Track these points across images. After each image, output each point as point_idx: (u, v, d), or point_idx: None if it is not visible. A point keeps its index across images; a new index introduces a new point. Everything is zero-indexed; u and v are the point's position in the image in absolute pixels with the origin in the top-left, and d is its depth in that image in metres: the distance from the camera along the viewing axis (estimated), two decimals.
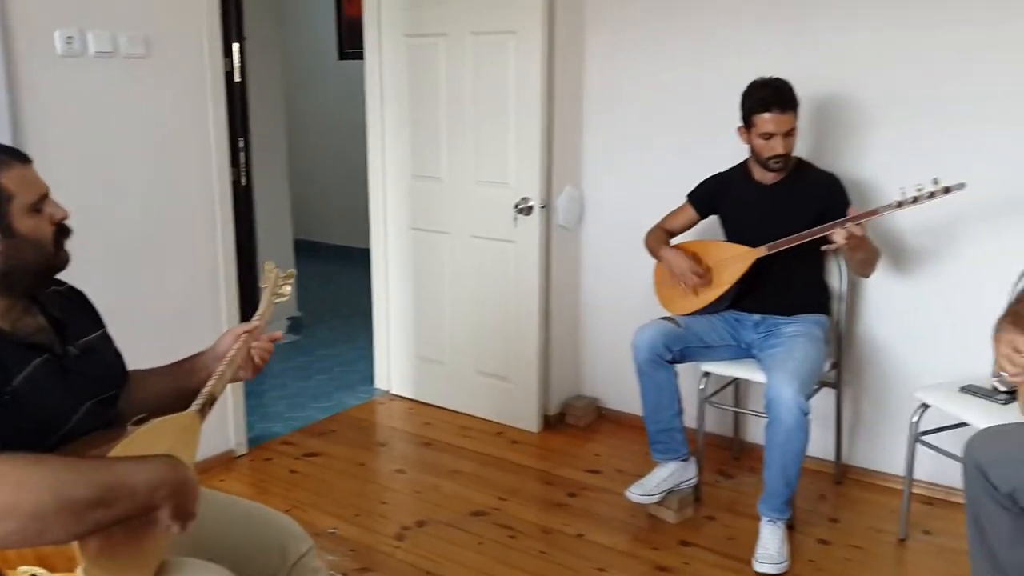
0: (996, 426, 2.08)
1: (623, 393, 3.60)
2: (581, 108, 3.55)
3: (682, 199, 3.06)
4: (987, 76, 2.71)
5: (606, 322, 3.67)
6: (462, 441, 3.53)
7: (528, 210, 3.40)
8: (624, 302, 3.56)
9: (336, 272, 6.36)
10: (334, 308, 5.46)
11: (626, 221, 3.47)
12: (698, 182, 3.03)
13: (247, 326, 1.76)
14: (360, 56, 3.86)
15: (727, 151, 2.98)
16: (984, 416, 2.36)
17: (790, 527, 2.72)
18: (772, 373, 2.60)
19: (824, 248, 2.66)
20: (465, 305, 3.70)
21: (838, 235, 2.52)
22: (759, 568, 2.57)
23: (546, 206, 3.44)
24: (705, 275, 2.89)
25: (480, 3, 3.38)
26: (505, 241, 3.50)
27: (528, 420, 3.60)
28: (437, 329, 3.82)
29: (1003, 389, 2.46)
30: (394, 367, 4.03)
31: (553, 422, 3.67)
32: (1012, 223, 2.72)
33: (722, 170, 2.99)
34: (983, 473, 2.01)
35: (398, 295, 3.94)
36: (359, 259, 4.93)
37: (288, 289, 1.96)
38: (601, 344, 3.70)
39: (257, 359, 1.75)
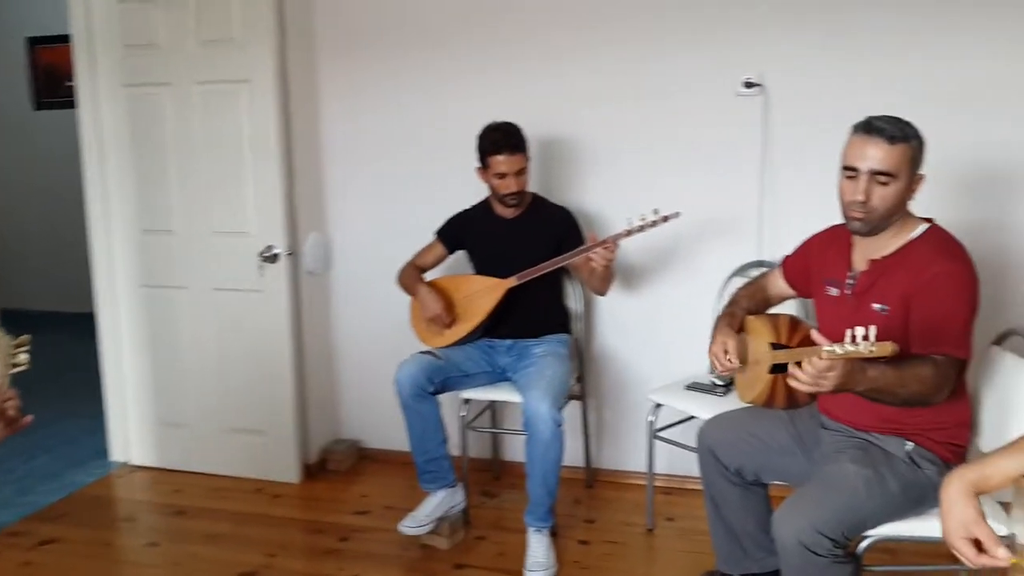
0: (722, 413, 2.42)
1: (384, 431, 3.66)
2: (320, 154, 3.59)
3: (430, 236, 3.20)
4: (688, 115, 3.13)
5: (362, 363, 3.70)
6: (219, 503, 3.37)
7: (273, 258, 3.36)
8: (379, 341, 3.62)
9: (46, 341, 5.73)
10: (50, 381, 4.93)
11: (375, 261, 3.56)
12: (445, 219, 3.19)
13: None
14: (62, 106, 3.60)
15: (467, 189, 3.18)
16: (708, 407, 2.71)
17: (553, 534, 2.91)
18: (528, 392, 2.79)
19: (593, 261, 2.81)
20: (210, 361, 3.55)
21: (602, 256, 2.75)
22: None
23: (292, 253, 3.42)
24: (451, 321, 3.05)
25: (204, 53, 3.31)
26: (251, 291, 3.42)
27: (288, 472, 3.52)
28: (180, 390, 3.62)
29: (720, 383, 2.85)
30: (133, 436, 3.75)
31: (314, 470, 3.61)
32: (717, 243, 3.14)
33: (467, 207, 3.18)
34: (714, 455, 2.32)
35: (132, 358, 3.69)
36: (72, 324, 4.52)
37: (24, 357, 1.80)
38: (359, 385, 3.73)
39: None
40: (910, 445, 2.02)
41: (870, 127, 1.99)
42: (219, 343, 3.52)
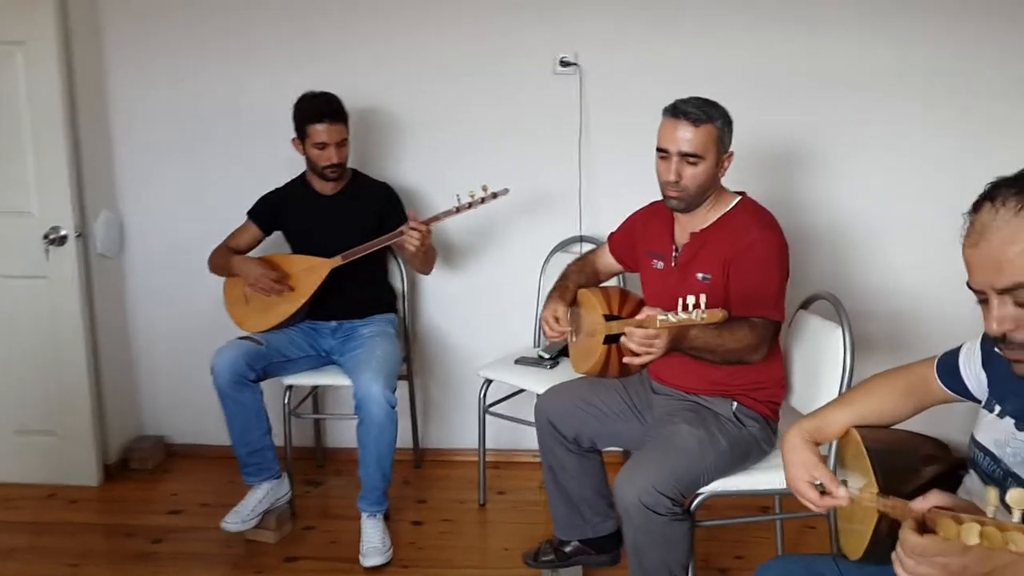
0: (557, 385, 2.47)
1: (191, 425, 3.45)
2: (109, 125, 3.27)
3: (233, 214, 3.02)
4: (506, 92, 3.13)
5: (166, 353, 3.44)
6: (9, 515, 3.02)
7: (61, 240, 3.03)
8: (182, 328, 3.39)
9: None
10: None
11: (176, 242, 3.32)
12: (255, 198, 3.01)
13: None
14: None
15: (275, 165, 3.05)
16: (539, 381, 2.76)
17: (386, 517, 2.86)
18: (358, 374, 2.71)
19: (406, 244, 2.77)
20: None
21: (412, 239, 2.72)
22: (368, 563, 2.66)
23: (81, 234, 3.10)
24: (283, 279, 2.88)
25: None
26: (36, 278, 3.07)
27: (85, 474, 3.21)
28: None
29: (547, 356, 2.92)
30: None
31: (116, 470, 3.33)
32: (538, 220, 3.19)
33: (280, 185, 3.02)
34: (552, 425, 2.38)
35: None
36: None
37: None
38: (161, 377, 3.46)
39: None
40: (735, 405, 2.17)
41: (676, 110, 2.12)
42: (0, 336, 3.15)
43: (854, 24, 2.97)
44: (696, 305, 1.77)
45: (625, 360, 1.95)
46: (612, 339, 2.21)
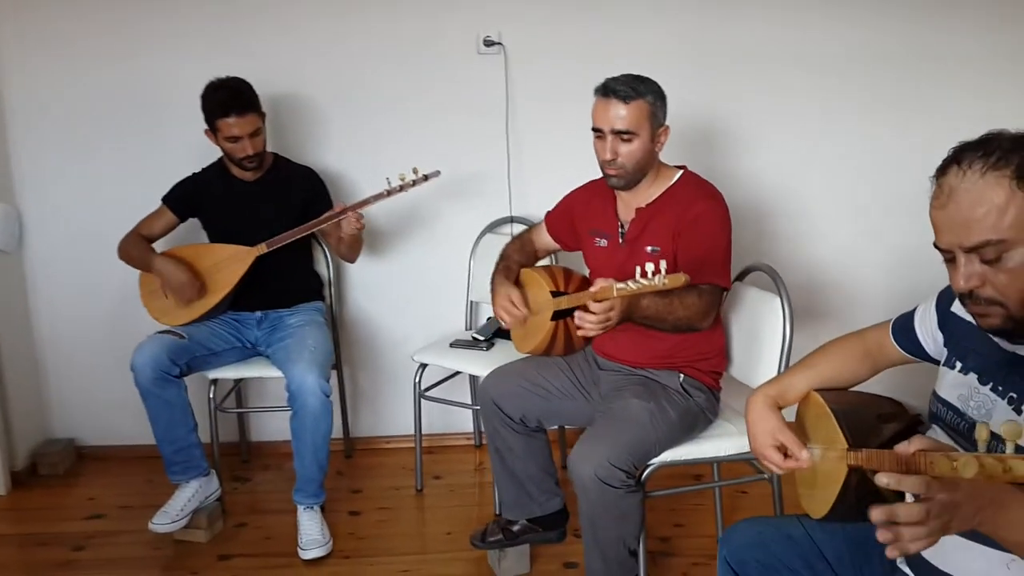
0: (501, 367, 2.46)
1: (105, 426, 3.29)
2: (3, 115, 3.06)
3: (140, 205, 2.88)
4: (431, 73, 3.08)
5: (73, 350, 3.25)
6: None
7: None
8: (92, 324, 3.21)
9: None
10: None
11: (80, 234, 3.15)
12: (165, 185, 2.87)
13: None
14: None
15: (186, 150, 2.96)
16: (475, 363, 2.75)
17: (322, 509, 2.80)
18: (290, 365, 2.63)
19: (346, 228, 2.70)
20: None
21: (351, 223, 2.65)
22: (307, 555, 2.60)
23: None
24: (201, 288, 2.77)
25: None
26: None
27: None
28: None
29: (482, 338, 2.90)
30: None
31: (24, 477, 3.13)
32: (468, 201, 3.15)
33: (197, 170, 2.89)
34: (498, 407, 2.37)
35: None
36: None
37: None
38: (70, 377, 3.28)
39: None
40: (682, 377, 2.22)
41: (607, 89, 2.14)
42: None
43: (777, 1, 3.06)
44: (656, 271, 1.79)
45: (579, 332, 1.95)
46: (560, 315, 2.23)
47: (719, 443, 2.20)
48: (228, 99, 2.66)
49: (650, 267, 1.80)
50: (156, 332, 2.72)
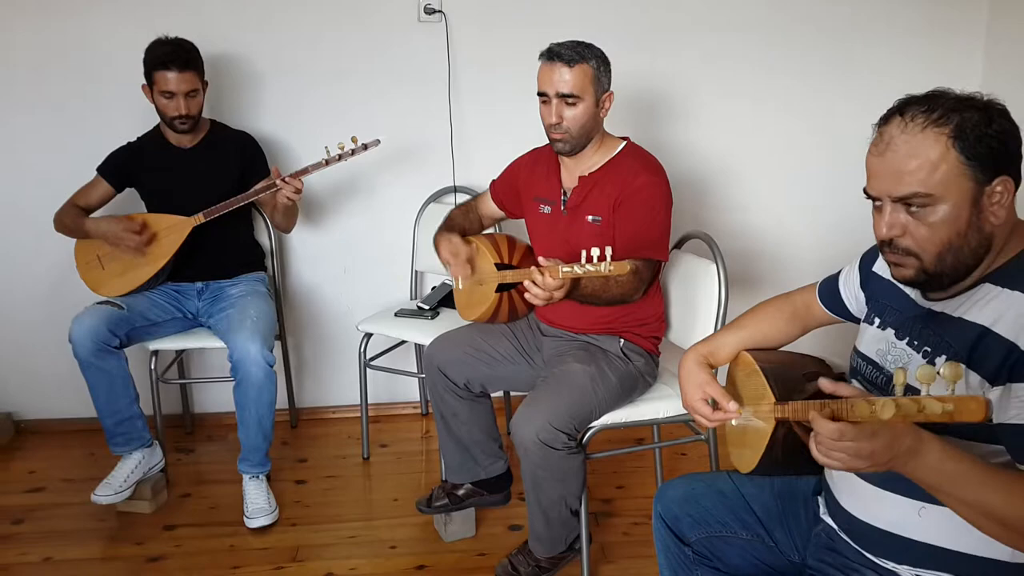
0: (445, 333, 2.48)
1: (42, 399, 3.26)
2: None
3: (80, 171, 2.82)
4: (372, 42, 3.05)
5: (7, 324, 3.18)
6: None
7: None
8: (27, 297, 3.15)
9: None
10: None
11: (10, 205, 3.07)
12: (101, 152, 2.81)
13: None
14: None
15: (122, 115, 2.92)
16: (421, 332, 2.77)
17: (267, 478, 2.81)
18: (233, 335, 2.61)
19: (281, 197, 2.67)
20: None
21: (288, 191, 2.63)
22: (253, 524, 2.61)
23: None
24: (144, 230, 2.71)
25: None
26: None
27: None
28: None
29: (427, 307, 2.92)
30: None
31: None
32: (410, 170, 3.14)
33: (132, 139, 2.84)
34: (443, 373, 2.40)
35: None
36: None
37: None
38: (8, 351, 3.21)
39: None
40: (622, 342, 2.27)
41: (552, 53, 2.16)
42: None
43: None
44: (602, 258, 1.82)
45: (526, 296, 1.97)
46: (505, 287, 2.26)
47: (658, 405, 2.26)
48: (170, 53, 2.64)
49: (595, 251, 1.82)
50: (94, 303, 2.68)
